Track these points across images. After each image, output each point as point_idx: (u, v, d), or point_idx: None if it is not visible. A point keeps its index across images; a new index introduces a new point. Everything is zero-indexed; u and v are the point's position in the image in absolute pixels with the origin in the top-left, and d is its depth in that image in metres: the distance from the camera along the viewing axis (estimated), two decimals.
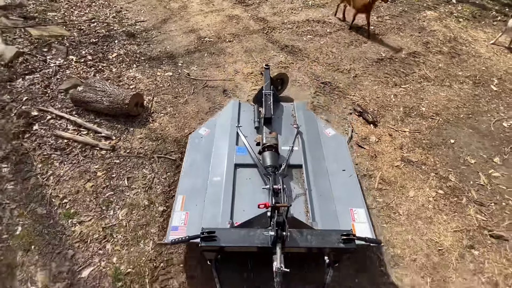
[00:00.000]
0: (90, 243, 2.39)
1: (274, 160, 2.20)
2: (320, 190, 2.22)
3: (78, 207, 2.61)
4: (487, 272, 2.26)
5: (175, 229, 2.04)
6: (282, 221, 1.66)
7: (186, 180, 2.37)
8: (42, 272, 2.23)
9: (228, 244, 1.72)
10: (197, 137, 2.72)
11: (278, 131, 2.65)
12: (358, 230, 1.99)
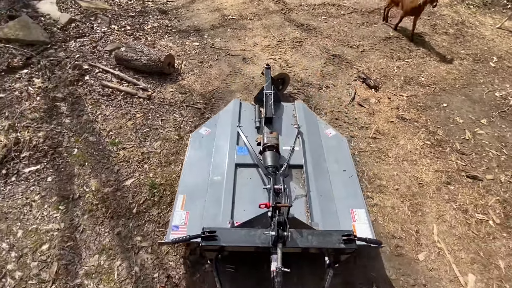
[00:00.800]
0: (131, 163, 2.98)
1: (275, 160, 2.20)
2: (320, 190, 2.22)
3: (121, 138, 3.20)
4: (459, 201, 2.67)
5: (175, 229, 2.04)
6: (283, 221, 1.66)
7: (187, 180, 2.37)
8: (94, 180, 2.83)
9: (229, 243, 1.72)
10: (198, 136, 2.72)
11: (279, 131, 2.65)
12: (359, 231, 2.00)
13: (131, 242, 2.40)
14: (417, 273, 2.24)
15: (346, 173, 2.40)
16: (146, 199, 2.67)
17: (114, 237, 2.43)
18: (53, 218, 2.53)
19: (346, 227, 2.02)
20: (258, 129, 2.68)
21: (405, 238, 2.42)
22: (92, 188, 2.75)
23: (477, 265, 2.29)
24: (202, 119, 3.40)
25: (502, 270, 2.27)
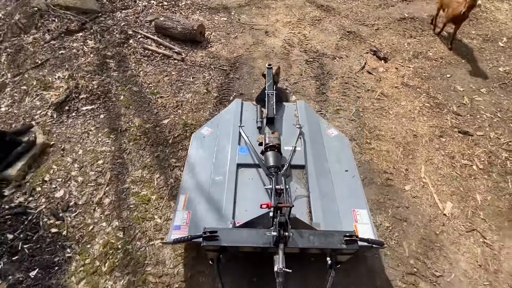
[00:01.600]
0: (167, 108, 3.55)
1: (276, 160, 2.19)
2: (322, 191, 2.22)
3: (159, 89, 3.78)
4: (448, 150, 3.03)
5: (177, 228, 2.05)
6: (284, 221, 1.66)
7: (189, 180, 2.38)
8: (137, 118, 3.42)
9: (230, 244, 1.73)
10: (199, 136, 2.72)
11: (281, 131, 2.64)
12: (361, 231, 1.99)
13: (167, 162, 2.97)
14: (402, 198, 2.66)
15: (348, 173, 2.39)
16: (179, 134, 3.24)
17: (154, 159, 3.01)
18: (105, 143, 3.15)
19: (348, 227, 2.01)
20: (259, 129, 2.67)
21: (395, 174, 2.83)
22: (136, 124, 3.35)
23: (456, 196, 2.67)
24: (227, 78, 3.92)
25: (478, 202, 2.64)
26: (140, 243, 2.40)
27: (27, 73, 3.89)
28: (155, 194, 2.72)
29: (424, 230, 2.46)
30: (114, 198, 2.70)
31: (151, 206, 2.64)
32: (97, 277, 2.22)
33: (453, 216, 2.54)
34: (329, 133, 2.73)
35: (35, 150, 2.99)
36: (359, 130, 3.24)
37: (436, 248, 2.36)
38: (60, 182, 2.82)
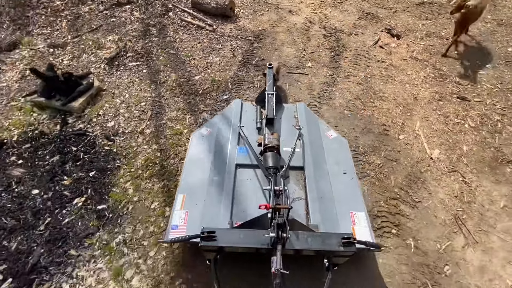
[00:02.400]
0: (199, 67, 4.12)
1: (275, 161, 2.19)
2: (321, 193, 2.22)
3: (193, 53, 4.37)
4: (444, 111, 3.37)
5: (175, 228, 2.04)
6: (282, 222, 1.66)
7: (187, 179, 2.37)
8: (173, 74, 4.02)
9: (228, 244, 1.72)
10: (199, 136, 2.71)
11: (280, 132, 2.65)
12: (358, 234, 2.00)
13: (197, 107, 3.54)
14: (395, 144, 3.05)
15: (347, 175, 2.40)
16: (208, 87, 3.80)
17: (186, 104, 3.59)
18: (147, 91, 3.77)
19: (345, 229, 2.02)
20: (259, 129, 2.69)
21: (392, 126, 3.22)
22: (172, 78, 3.95)
23: (444, 146, 3.02)
24: (252, 47, 4.44)
25: (463, 151, 2.98)
26: (173, 161, 2.99)
27: (84, 35, 4.63)
28: (186, 129, 3.30)
29: (411, 168, 2.85)
30: (153, 129, 3.31)
31: (183, 136, 3.22)
32: (139, 181, 2.83)
33: (438, 160, 2.90)
34: (328, 135, 2.72)
35: (92, 91, 3.67)
36: (365, 91, 3.64)
37: (419, 182, 2.74)
38: (111, 116, 3.48)
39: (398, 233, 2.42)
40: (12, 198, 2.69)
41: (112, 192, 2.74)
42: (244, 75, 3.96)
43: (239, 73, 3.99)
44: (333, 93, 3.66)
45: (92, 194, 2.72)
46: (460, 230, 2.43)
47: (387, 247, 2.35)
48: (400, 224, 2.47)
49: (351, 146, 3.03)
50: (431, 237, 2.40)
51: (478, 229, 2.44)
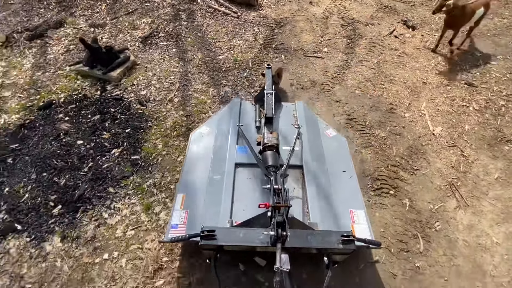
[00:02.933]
0: (223, 48, 4.49)
1: (274, 160, 2.17)
2: (320, 191, 2.23)
3: (218, 36, 4.74)
4: (451, 95, 3.57)
5: (174, 227, 2.04)
6: (282, 221, 1.67)
7: (187, 179, 2.37)
8: (200, 53, 4.41)
9: (228, 243, 1.73)
10: (198, 135, 2.71)
11: (279, 131, 2.65)
12: (358, 231, 2.01)
13: (220, 82, 3.91)
14: (400, 121, 3.29)
15: (346, 173, 2.41)
16: (230, 65, 4.16)
17: (210, 79, 3.97)
18: (176, 67, 4.18)
19: (345, 227, 2.03)
20: (258, 128, 2.70)
21: (399, 105, 3.46)
22: (198, 57, 4.34)
23: (446, 124, 3.24)
24: (272, 32, 4.76)
25: (465, 129, 3.19)
26: (197, 125, 3.36)
27: (121, 17, 5.11)
28: (210, 100, 3.67)
29: (413, 142, 3.09)
30: (181, 99, 3.71)
31: (206, 106, 3.59)
32: (167, 139, 3.22)
33: (440, 136, 3.12)
34: (327, 133, 2.74)
35: (128, 64, 4.12)
36: (376, 75, 3.88)
37: (419, 153, 2.98)
38: (143, 86, 3.90)
39: (395, 194, 2.68)
40: (60, 146, 3.15)
41: (144, 146, 3.14)
42: (264, 57, 4.29)
43: (259, 55, 4.32)
44: (346, 75, 3.93)
45: (127, 147, 3.14)
46: (454, 194, 2.66)
47: (384, 204, 2.62)
48: (398, 187, 2.72)
49: (359, 122, 3.31)
50: (425, 199, 2.65)
51: (470, 195, 2.66)
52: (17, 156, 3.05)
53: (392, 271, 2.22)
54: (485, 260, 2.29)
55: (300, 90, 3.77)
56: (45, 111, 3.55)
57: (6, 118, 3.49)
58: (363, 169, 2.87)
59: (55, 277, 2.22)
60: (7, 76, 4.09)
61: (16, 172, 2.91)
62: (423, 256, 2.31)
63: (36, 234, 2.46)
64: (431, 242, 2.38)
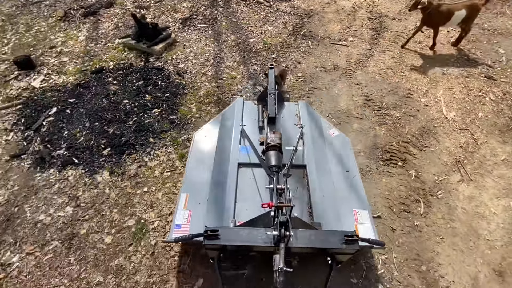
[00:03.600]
0: (254, 33, 4.86)
1: (277, 160, 2.17)
2: (323, 191, 2.24)
3: (250, 22, 5.12)
4: (469, 85, 3.75)
5: (178, 227, 2.06)
6: (285, 221, 1.67)
7: (190, 179, 2.38)
8: (233, 36, 4.80)
9: (231, 243, 1.73)
10: (201, 136, 2.73)
11: (282, 130, 2.65)
12: (361, 231, 2.01)
13: (250, 61, 4.28)
14: (416, 105, 3.51)
15: (349, 173, 2.40)
16: (260, 47, 4.53)
17: (241, 58, 4.35)
18: (211, 46, 4.60)
19: (348, 227, 2.03)
20: (261, 128, 2.71)
21: (417, 91, 3.67)
22: (231, 39, 4.74)
23: (461, 111, 3.41)
24: (301, 21, 5.07)
25: (478, 116, 3.35)
26: (227, 95, 3.75)
27: (164, 1, 5.62)
28: (239, 75, 4.05)
29: (425, 123, 3.30)
30: (214, 73, 4.12)
31: (235, 80, 3.97)
32: (200, 104, 3.64)
33: (453, 120, 3.31)
34: (330, 133, 2.73)
35: (169, 40, 4.59)
36: (397, 64, 4.09)
37: (430, 133, 3.19)
38: (181, 60, 4.35)
39: (403, 166, 2.91)
40: (110, 103, 3.65)
41: (180, 108, 3.58)
42: (292, 42, 4.61)
43: (287, 40, 4.65)
44: (368, 62, 4.17)
45: (166, 108, 3.59)
46: (459, 170, 2.85)
47: (391, 173, 2.86)
48: (406, 160, 2.96)
49: (376, 103, 3.55)
50: (431, 171, 2.86)
51: (475, 172, 2.84)
52: (74, 108, 3.58)
53: (392, 226, 2.48)
54: (481, 225, 2.49)
55: (323, 72, 4.06)
56: (97, 74, 4.09)
57: (65, 78, 4.06)
58: (375, 143, 3.12)
59: (104, 200, 2.69)
60: (65, 45, 4.69)
61: (73, 120, 3.43)
62: (422, 217, 2.54)
63: (89, 168, 2.95)
64: (432, 207, 2.60)
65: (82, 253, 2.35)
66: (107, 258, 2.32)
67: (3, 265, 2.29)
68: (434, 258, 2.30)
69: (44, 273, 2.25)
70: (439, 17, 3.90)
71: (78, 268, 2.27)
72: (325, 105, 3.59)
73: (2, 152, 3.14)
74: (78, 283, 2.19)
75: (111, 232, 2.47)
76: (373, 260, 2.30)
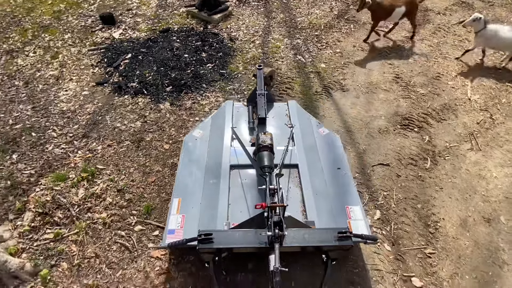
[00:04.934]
0: (302, 14, 5.34)
1: (269, 160, 2.17)
2: (315, 189, 2.27)
3: (299, 4, 5.62)
4: (499, 77, 3.91)
5: (171, 233, 2.05)
6: (279, 220, 1.68)
7: (182, 183, 2.37)
8: (281, 14, 5.33)
9: (226, 245, 1.74)
10: (191, 139, 2.71)
11: (273, 131, 2.67)
12: (354, 227, 2.05)
13: (294, 36, 4.80)
14: (442, 86, 3.81)
15: (340, 170, 2.45)
16: (305, 26, 5.02)
17: (286, 33, 4.88)
18: (261, 21, 5.18)
19: (341, 224, 2.06)
20: (251, 130, 2.73)
21: (445, 75, 3.95)
22: (280, 16, 5.28)
23: (485, 96, 3.66)
24: (347, 7, 5.47)
25: (501, 101, 3.57)
26: (271, 60, 4.31)
27: None
28: (283, 46, 4.60)
29: (448, 101, 3.59)
30: (261, 42, 4.69)
31: (279, 49, 4.52)
32: (246, 64, 4.25)
33: (475, 101, 3.56)
34: (320, 131, 2.77)
35: (226, 12, 5.25)
36: (432, 52, 4.37)
37: (450, 110, 3.48)
38: (234, 30, 4.99)
39: (419, 131, 3.27)
40: (173, 55, 4.39)
41: (229, 66, 4.21)
42: (335, 24, 5.04)
43: (331, 22, 5.09)
44: (404, 48, 4.48)
45: (218, 64, 4.25)
46: (470, 141, 3.14)
47: (406, 135, 3.22)
48: (423, 127, 3.30)
49: (404, 80, 3.89)
50: (444, 139, 3.19)
51: (486, 144, 3.11)
52: (144, 56, 4.37)
53: (398, 173, 2.88)
54: (480, 184, 2.79)
55: (360, 51, 4.46)
56: (164, 33, 4.86)
57: (138, 34, 4.88)
58: (397, 111, 3.50)
59: (165, 121, 3.40)
60: (139, 9, 5.56)
61: (144, 64, 4.21)
62: (427, 171, 2.90)
63: (155, 98, 3.70)
64: (437, 165, 2.94)
65: (147, 152, 3.08)
66: (165, 157, 3.02)
67: (90, 150, 3.09)
68: (430, 201, 2.67)
69: (120, 158, 3.02)
70: (381, 13, 4.32)
71: (143, 159, 3.00)
72: (356, 77, 4.00)
73: (90, 79, 4.00)
74: (143, 168, 2.92)
75: (169, 142, 3.16)
76: (376, 194, 2.72)
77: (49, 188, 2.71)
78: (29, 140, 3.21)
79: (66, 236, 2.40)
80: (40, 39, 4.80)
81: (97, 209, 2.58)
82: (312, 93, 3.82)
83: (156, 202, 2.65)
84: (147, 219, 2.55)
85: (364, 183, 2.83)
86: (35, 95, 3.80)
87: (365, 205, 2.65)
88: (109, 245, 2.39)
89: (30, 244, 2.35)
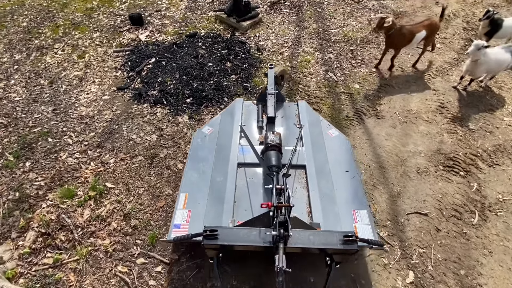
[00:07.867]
0: (336, 25, 4.96)
1: (277, 160, 2.16)
2: (322, 191, 2.24)
3: (334, 14, 5.23)
4: None
5: (177, 227, 2.06)
6: (284, 221, 1.67)
7: (189, 178, 2.38)
8: (314, 25, 4.98)
9: (230, 242, 1.74)
10: (200, 135, 2.72)
11: (281, 130, 2.65)
12: (361, 232, 2.01)
13: (326, 49, 4.44)
14: (496, 122, 3.36)
15: (349, 174, 2.41)
16: (339, 39, 4.66)
17: (318, 45, 4.53)
18: (292, 30, 4.86)
19: (347, 227, 2.04)
20: (260, 128, 2.71)
21: (501, 108, 3.44)
22: (313, 27, 4.93)
23: None
24: None
25: None
26: (299, 75, 3.99)
27: None
28: (313, 60, 4.25)
29: (503, 142, 3.11)
30: (290, 54, 4.38)
31: (309, 64, 4.19)
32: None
33: None
34: (329, 133, 2.73)
35: (256, 19, 4.98)
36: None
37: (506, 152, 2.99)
38: (263, 39, 4.71)
39: (465, 176, 2.83)
40: (197, 63, 4.18)
41: (254, 79, 3.93)
42: (373, 38, 4.62)
43: (369, 36, 4.66)
44: (452, 71, 3.99)
45: (242, 76, 3.98)
46: None
47: (450, 179, 2.79)
48: (470, 172, 2.85)
49: (450, 111, 3.44)
50: (496, 189, 2.73)
51: None
52: (168, 62, 4.20)
53: (437, 226, 2.48)
54: None
55: (399, 71, 4.02)
56: (190, 38, 4.67)
57: (164, 37, 4.73)
58: (439, 148, 3.06)
59: (182, 136, 3.20)
60: (168, 10, 5.41)
61: (166, 71, 4.04)
62: (473, 228, 2.47)
63: (174, 110, 3.50)
64: (487, 221, 2.51)
65: (160, 170, 2.88)
66: (177, 179, 2.80)
67: (103, 162, 2.94)
68: (476, 267, 2.25)
69: (131, 175, 2.84)
70: (402, 39, 3.77)
71: (155, 179, 2.80)
72: (394, 103, 3.59)
73: (112, 83, 3.89)
74: (154, 190, 2.72)
75: (183, 161, 2.94)
76: (410, 251, 2.35)
77: (56, 205, 2.59)
78: (45, 146, 3.12)
79: (66, 263, 2.24)
80: (70, 37, 4.77)
81: (100, 234, 2.41)
82: (343, 117, 3.46)
83: (163, 232, 2.43)
84: (151, 251, 2.34)
85: (396, 234, 2.46)
86: (58, 96, 3.73)
87: (396, 262, 2.29)
88: (108, 277, 2.20)
89: (29, 268, 2.22)
